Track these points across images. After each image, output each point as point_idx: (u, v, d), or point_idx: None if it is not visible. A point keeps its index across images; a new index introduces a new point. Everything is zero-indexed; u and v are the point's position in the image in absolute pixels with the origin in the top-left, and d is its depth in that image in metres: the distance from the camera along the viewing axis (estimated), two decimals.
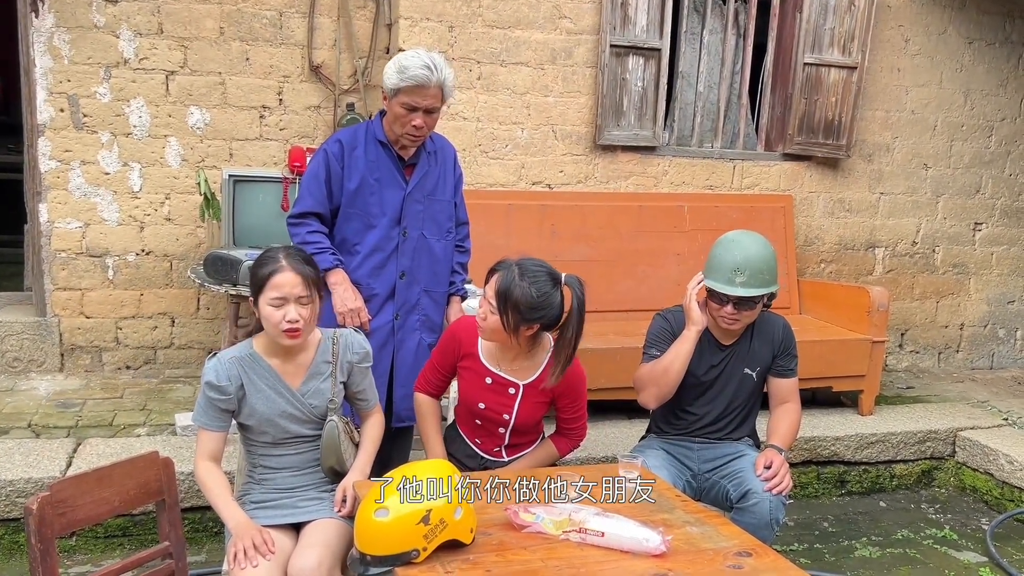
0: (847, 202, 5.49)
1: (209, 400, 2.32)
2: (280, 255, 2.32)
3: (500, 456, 2.80)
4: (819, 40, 5.17)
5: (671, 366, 2.84)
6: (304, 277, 2.30)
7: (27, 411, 4.15)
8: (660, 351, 2.91)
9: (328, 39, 4.83)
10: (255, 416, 2.36)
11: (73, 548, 3.39)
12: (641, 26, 4.86)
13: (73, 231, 4.62)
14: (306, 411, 2.40)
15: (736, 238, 2.88)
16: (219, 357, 2.36)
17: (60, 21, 4.44)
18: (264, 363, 2.37)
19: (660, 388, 2.88)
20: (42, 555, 1.93)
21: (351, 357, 2.48)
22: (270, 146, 4.82)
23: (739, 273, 2.77)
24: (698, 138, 5.29)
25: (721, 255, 2.84)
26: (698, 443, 2.99)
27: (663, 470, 2.82)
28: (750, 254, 2.79)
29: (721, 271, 2.81)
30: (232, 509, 2.26)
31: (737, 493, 2.79)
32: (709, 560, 2.05)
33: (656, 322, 3.01)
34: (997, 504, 4.32)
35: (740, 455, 2.93)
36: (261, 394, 2.36)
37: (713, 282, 2.82)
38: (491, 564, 1.97)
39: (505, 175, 4.82)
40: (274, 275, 2.28)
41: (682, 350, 2.84)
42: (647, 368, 2.92)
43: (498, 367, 2.68)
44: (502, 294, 2.50)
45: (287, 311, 2.27)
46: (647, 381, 2.90)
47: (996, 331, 6.03)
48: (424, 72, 2.81)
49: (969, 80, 5.59)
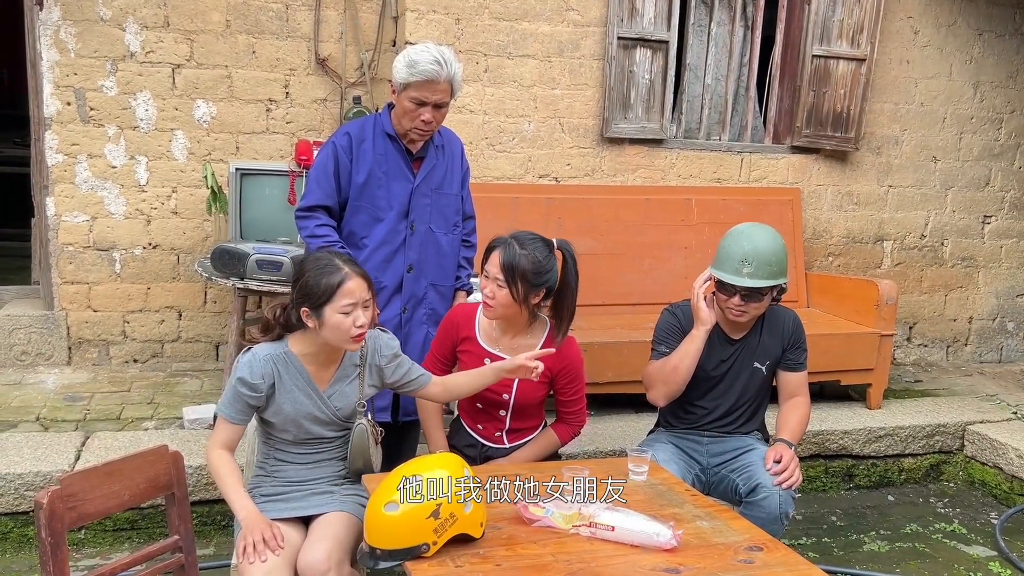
0: (855, 195, 5.46)
1: (238, 394, 2.31)
2: (339, 262, 2.32)
3: (501, 442, 2.81)
4: (827, 32, 5.13)
5: (680, 365, 2.83)
6: (368, 281, 2.34)
7: (35, 405, 4.16)
8: (669, 348, 2.90)
9: (334, 32, 4.82)
10: (280, 415, 2.36)
11: (82, 541, 3.39)
12: (648, 18, 4.84)
13: (80, 225, 4.62)
14: (330, 413, 2.40)
15: (745, 229, 2.87)
16: (254, 353, 2.35)
17: (66, 14, 4.43)
18: (298, 363, 2.37)
19: (668, 386, 2.87)
20: (52, 549, 1.93)
21: (379, 360, 2.48)
22: (276, 139, 4.81)
23: (746, 264, 2.76)
24: (705, 131, 5.26)
25: (729, 246, 2.84)
26: (707, 437, 2.98)
27: (672, 464, 2.81)
28: (758, 245, 2.78)
29: (729, 262, 2.80)
30: (243, 500, 2.25)
31: (746, 487, 2.78)
32: (720, 554, 2.05)
33: (664, 317, 2.99)
34: (1006, 498, 4.30)
35: (749, 449, 2.92)
36: (290, 395, 2.36)
37: (720, 272, 2.81)
38: (501, 558, 1.97)
39: (512, 168, 4.80)
40: (344, 283, 2.27)
41: (690, 349, 2.83)
42: (656, 366, 2.90)
43: (496, 348, 2.74)
44: (509, 267, 2.60)
45: (356, 316, 2.28)
46: (656, 379, 2.90)
47: (1005, 324, 6.00)
48: (434, 67, 2.81)
49: (978, 72, 5.55)
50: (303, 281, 2.31)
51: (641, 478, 2.46)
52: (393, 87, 2.91)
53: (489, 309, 2.67)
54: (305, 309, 2.30)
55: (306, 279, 2.30)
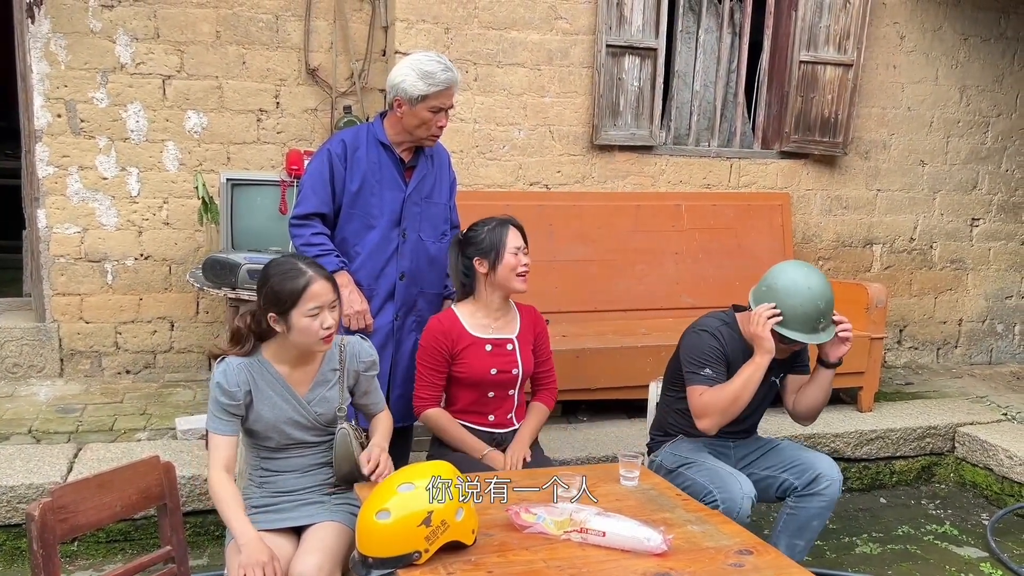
0: (844, 199, 5.50)
1: (219, 405, 2.32)
2: (302, 265, 2.32)
3: (512, 424, 2.95)
4: (815, 38, 5.17)
5: (742, 395, 2.75)
6: (332, 283, 2.34)
7: (27, 417, 4.15)
8: (715, 371, 2.81)
9: (324, 42, 4.83)
10: (261, 422, 2.37)
11: (75, 553, 3.39)
12: (637, 26, 4.87)
13: (72, 236, 4.63)
14: (311, 418, 2.41)
15: (811, 284, 2.76)
16: (228, 362, 2.36)
17: (56, 27, 4.44)
18: (272, 370, 2.38)
19: (725, 416, 2.78)
20: (44, 561, 1.93)
21: (358, 365, 2.49)
22: (267, 149, 4.82)
23: (822, 320, 2.78)
24: (695, 137, 5.30)
25: (802, 305, 2.74)
26: (734, 442, 3.04)
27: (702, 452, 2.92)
28: (828, 298, 2.77)
29: (806, 322, 2.74)
30: (244, 526, 2.23)
31: (804, 481, 2.86)
32: (710, 558, 2.06)
33: (703, 340, 2.88)
34: (997, 499, 4.32)
35: (772, 447, 3.02)
36: (268, 401, 2.36)
37: (797, 334, 2.75)
38: (493, 565, 1.98)
39: (503, 176, 4.82)
40: (309, 286, 2.28)
41: (754, 378, 2.74)
42: (712, 395, 2.77)
43: (489, 333, 2.87)
44: (523, 231, 2.87)
45: (323, 318, 2.29)
46: (715, 409, 2.76)
47: (994, 326, 6.04)
48: (449, 75, 2.89)
49: (965, 76, 5.60)
50: (268, 287, 2.31)
51: (632, 483, 2.47)
52: (399, 101, 2.91)
53: (526, 279, 2.86)
54: (272, 315, 2.30)
55: (271, 285, 2.30)
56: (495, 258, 2.81)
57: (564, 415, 4.38)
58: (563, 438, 4.09)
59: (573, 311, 4.60)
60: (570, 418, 4.40)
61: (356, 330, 2.94)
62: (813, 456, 2.92)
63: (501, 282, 2.83)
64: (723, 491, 2.68)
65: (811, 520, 2.87)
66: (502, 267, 2.80)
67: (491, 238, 2.83)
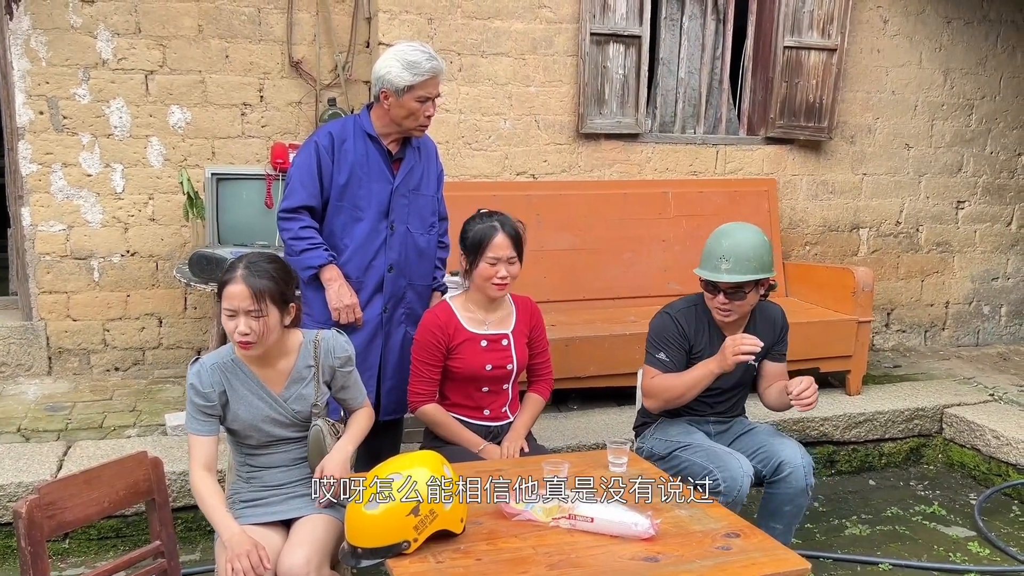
0: (830, 184, 5.51)
1: (195, 406, 2.31)
2: (240, 265, 2.28)
3: (507, 417, 2.94)
4: (798, 23, 5.18)
5: (686, 395, 2.86)
6: (255, 291, 2.22)
7: (16, 415, 4.14)
8: (670, 357, 2.91)
9: (307, 34, 4.81)
10: (239, 421, 2.36)
11: (66, 551, 3.39)
12: (620, 14, 4.86)
13: (57, 234, 4.60)
14: (289, 416, 2.40)
15: (725, 228, 2.95)
16: (201, 363, 2.35)
17: (36, 23, 4.40)
18: (246, 369, 2.37)
19: (668, 405, 2.93)
20: (32, 558, 1.94)
21: (333, 361, 2.46)
22: (252, 143, 4.80)
23: (724, 260, 2.82)
24: (680, 124, 5.30)
25: (710, 244, 2.92)
26: (711, 422, 3.07)
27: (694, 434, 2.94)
28: (736, 242, 2.85)
29: (709, 260, 2.88)
30: (226, 521, 2.23)
31: (769, 468, 2.87)
32: (698, 542, 2.08)
33: (663, 321, 2.97)
34: (984, 479, 4.36)
35: (749, 429, 3.04)
36: (244, 400, 2.35)
37: (701, 271, 2.89)
38: (481, 552, 1.99)
39: (489, 166, 4.82)
40: (226, 286, 2.26)
41: (701, 383, 2.83)
42: (662, 382, 2.90)
43: (485, 328, 2.86)
44: (516, 238, 2.79)
45: (237, 323, 2.24)
46: (659, 396, 2.92)
47: (981, 308, 6.08)
48: (434, 63, 2.89)
49: (948, 59, 5.62)
50: None
51: (621, 470, 2.49)
52: (385, 92, 2.90)
53: (504, 288, 2.80)
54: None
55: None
56: (473, 260, 2.79)
57: (554, 404, 4.39)
58: (554, 427, 4.11)
59: (561, 300, 4.61)
60: (560, 407, 4.41)
61: (345, 324, 2.94)
62: (780, 443, 2.92)
63: (478, 284, 2.81)
64: (723, 470, 2.71)
65: (782, 505, 2.88)
66: (476, 272, 2.79)
67: (475, 238, 2.78)
